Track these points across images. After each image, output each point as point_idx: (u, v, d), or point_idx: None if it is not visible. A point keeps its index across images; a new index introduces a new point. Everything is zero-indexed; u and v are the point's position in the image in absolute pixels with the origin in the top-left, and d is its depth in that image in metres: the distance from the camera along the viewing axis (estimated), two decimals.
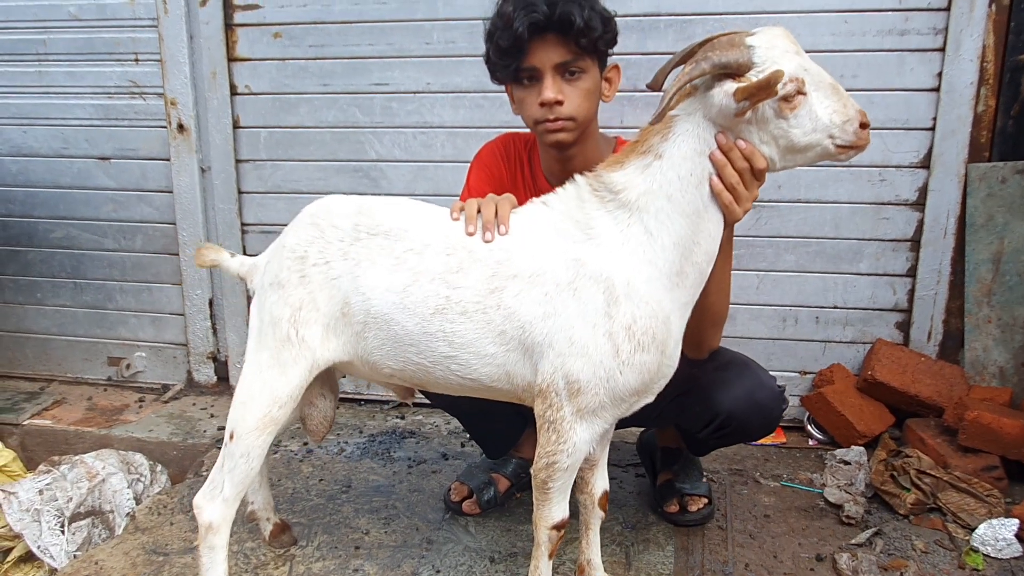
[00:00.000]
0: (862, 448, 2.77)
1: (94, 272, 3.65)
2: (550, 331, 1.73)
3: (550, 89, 2.01)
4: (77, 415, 3.40)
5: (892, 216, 2.94)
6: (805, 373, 3.12)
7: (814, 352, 3.11)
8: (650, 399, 1.86)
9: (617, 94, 2.21)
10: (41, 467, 2.76)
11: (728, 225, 1.80)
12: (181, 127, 3.36)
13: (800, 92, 1.61)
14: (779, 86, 1.59)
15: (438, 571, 2.27)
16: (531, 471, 1.86)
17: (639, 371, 1.73)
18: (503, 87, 2.20)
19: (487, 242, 1.79)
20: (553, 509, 1.86)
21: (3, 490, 2.59)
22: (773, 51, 1.63)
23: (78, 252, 3.64)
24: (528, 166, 2.32)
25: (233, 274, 2.06)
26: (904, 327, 3.02)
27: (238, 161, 3.38)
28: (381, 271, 1.81)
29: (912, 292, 2.98)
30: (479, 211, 1.83)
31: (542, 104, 2.03)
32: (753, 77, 1.61)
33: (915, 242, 2.94)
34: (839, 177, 2.93)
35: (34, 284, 3.72)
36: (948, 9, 2.75)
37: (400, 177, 3.26)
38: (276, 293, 1.88)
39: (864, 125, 1.66)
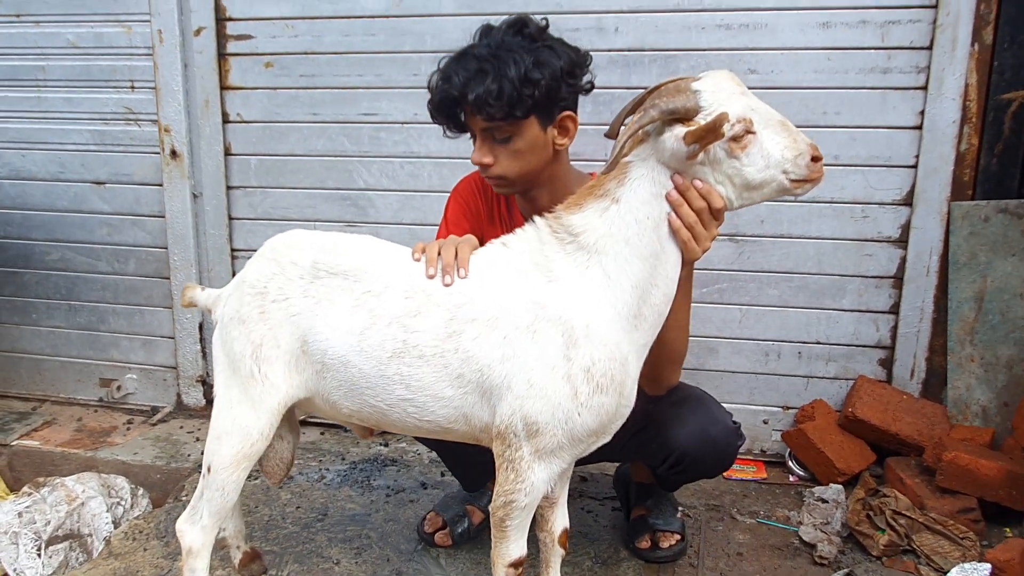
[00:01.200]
0: (840, 487, 2.75)
1: (88, 294, 3.70)
2: (509, 373, 1.74)
3: (477, 152, 2.08)
4: (65, 436, 3.44)
5: (875, 252, 2.93)
6: (787, 408, 3.11)
7: (797, 387, 3.09)
8: (607, 439, 1.86)
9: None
10: (24, 489, 2.81)
11: (687, 264, 1.81)
12: (174, 153, 3.41)
13: (749, 131, 1.63)
14: (726, 127, 1.61)
15: None
16: (489, 509, 1.86)
17: (597, 413, 1.74)
18: None
19: (446, 286, 1.80)
20: (511, 547, 1.87)
21: None
22: (719, 94, 1.65)
23: (73, 274, 3.70)
24: (504, 201, 2.35)
25: (202, 307, 2.08)
26: (887, 364, 3.01)
27: (229, 188, 3.43)
28: (340, 312, 1.83)
29: (895, 329, 2.97)
30: (439, 254, 1.85)
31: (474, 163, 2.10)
32: (701, 120, 1.63)
33: (898, 279, 2.93)
34: (822, 213, 2.93)
35: (29, 305, 3.78)
36: (931, 48, 2.75)
37: (387, 206, 3.29)
38: (237, 328, 1.89)
39: (816, 159, 1.67)
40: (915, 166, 2.84)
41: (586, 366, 1.70)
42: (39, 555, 2.58)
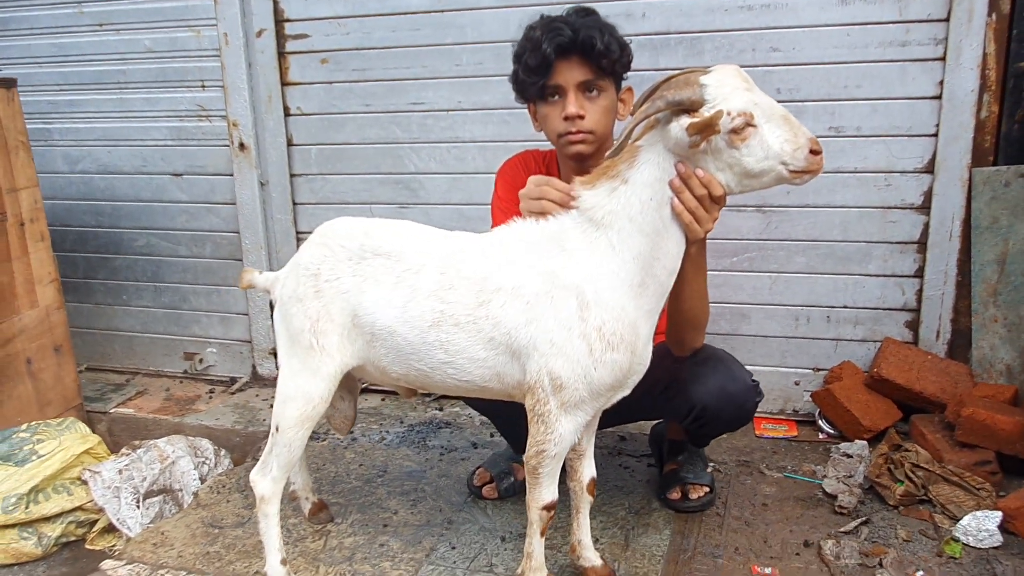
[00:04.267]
0: (865, 442, 2.89)
1: (171, 276, 4.07)
2: (533, 335, 1.95)
3: (573, 104, 2.25)
4: (156, 404, 3.82)
5: (899, 219, 3.05)
6: (817, 370, 3.26)
7: (826, 350, 3.24)
8: (626, 392, 2.06)
9: None
10: (123, 450, 3.16)
11: (692, 242, 1.99)
12: (242, 146, 3.72)
13: (750, 124, 1.76)
14: (724, 121, 1.75)
15: (453, 547, 2.53)
16: (523, 459, 2.09)
17: (611, 368, 1.93)
18: (525, 106, 2.45)
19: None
20: (543, 492, 2.08)
21: (90, 470, 2.97)
22: (723, 88, 1.79)
23: (157, 258, 4.07)
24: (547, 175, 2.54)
25: (262, 288, 2.34)
26: (913, 326, 3.13)
27: (292, 175, 3.73)
28: (383, 288, 2.06)
29: (920, 292, 3.08)
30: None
31: (566, 118, 2.26)
32: (705, 113, 1.78)
33: (922, 244, 3.04)
34: (846, 183, 3.06)
35: (120, 287, 4.17)
36: (948, 20, 2.83)
37: (436, 188, 3.54)
38: (296, 306, 2.14)
39: (815, 152, 1.79)
40: (936, 135, 2.94)
41: (598, 326, 1.90)
42: (138, 506, 2.93)
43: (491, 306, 1.97)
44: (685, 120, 1.80)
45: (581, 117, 2.25)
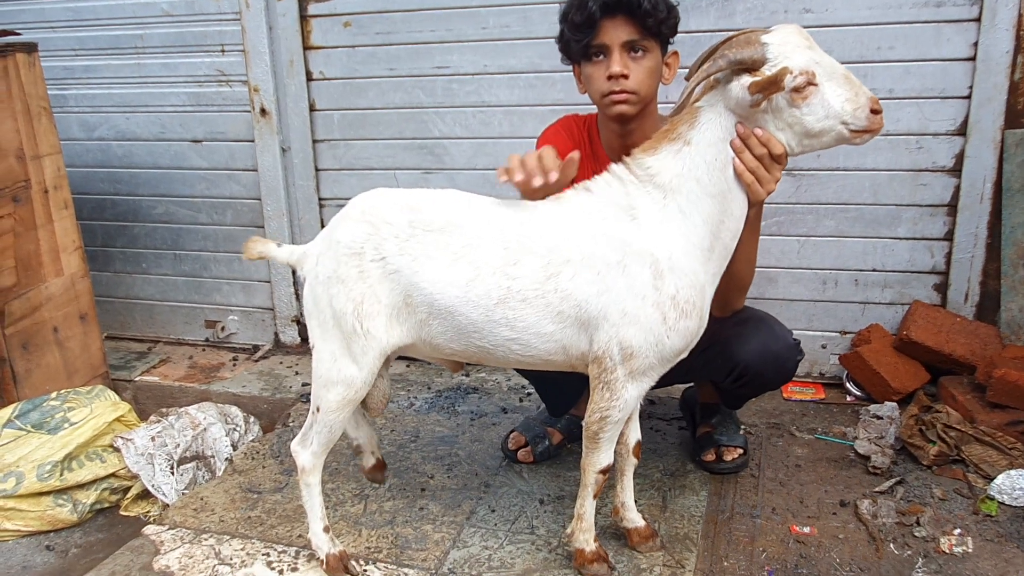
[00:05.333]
0: (895, 404, 2.92)
1: (191, 244, 4.05)
2: (604, 306, 1.92)
3: (617, 63, 2.21)
4: (180, 372, 3.82)
5: (929, 182, 3.05)
6: (845, 333, 3.28)
7: (854, 313, 3.25)
8: (684, 356, 2.08)
9: None
10: (152, 417, 3.16)
11: (753, 205, 1.98)
12: (263, 111, 3.68)
13: (811, 83, 1.76)
14: (787, 79, 1.75)
15: (493, 510, 2.56)
16: (583, 423, 2.07)
17: (683, 335, 1.94)
18: (567, 67, 2.41)
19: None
20: (601, 456, 2.10)
21: (122, 437, 2.98)
22: (785, 47, 1.79)
23: (176, 226, 4.05)
24: (588, 142, 2.51)
25: (282, 262, 2.20)
26: (942, 289, 3.14)
27: (315, 141, 3.70)
28: (440, 266, 1.96)
29: (949, 255, 3.09)
30: (523, 163, 1.99)
31: (609, 77, 2.23)
32: (767, 71, 1.78)
33: (952, 207, 3.05)
34: (877, 146, 3.05)
35: (140, 255, 4.15)
36: None
37: (461, 153, 3.52)
38: (336, 287, 2.02)
39: (876, 111, 1.79)
40: (969, 97, 2.93)
41: (672, 294, 1.90)
42: (172, 473, 2.94)
43: (560, 279, 1.93)
44: (747, 79, 1.80)
45: (625, 76, 2.22)
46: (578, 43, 2.25)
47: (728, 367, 2.44)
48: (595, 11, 2.18)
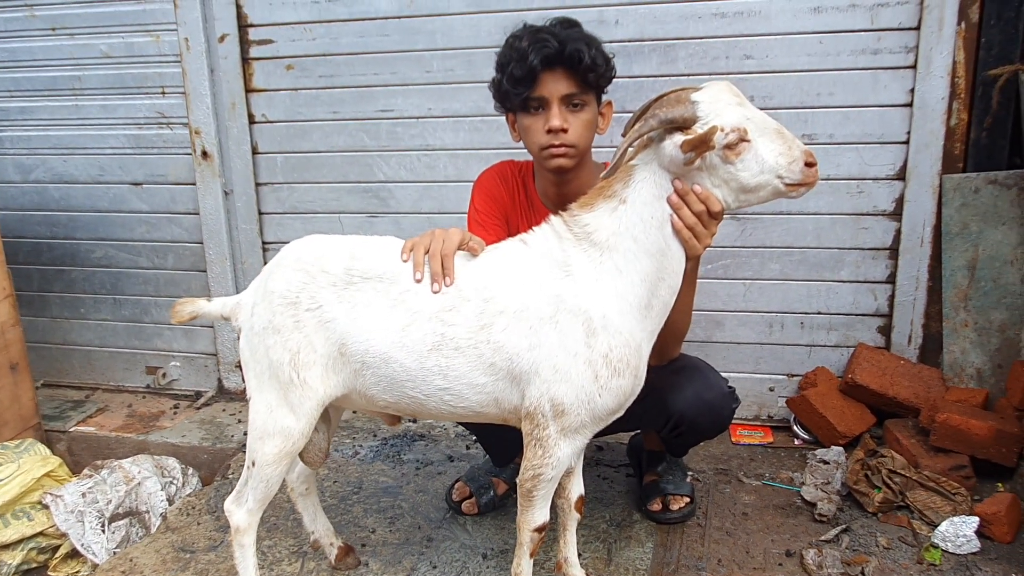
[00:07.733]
0: (841, 448, 2.91)
1: (131, 288, 3.95)
2: (536, 360, 1.89)
3: (557, 118, 2.20)
4: (118, 421, 3.70)
5: (871, 226, 3.08)
6: (792, 375, 3.28)
7: (800, 356, 3.26)
8: (621, 414, 2.04)
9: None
10: (85, 471, 3.05)
11: (690, 259, 1.95)
12: (205, 154, 3.61)
13: (743, 140, 1.75)
14: (718, 137, 1.74)
15: (435, 567, 2.49)
16: (517, 481, 2.03)
17: (616, 394, 1.90)
18: (501, 115, 2.39)
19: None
20: (536, 514, 2.04)
21: (51, 494, 2.87)
22: (716, 104, 1.77)
23: (116, 270, 3.94)
24: (523, 190, 2.51)
25: (215, 316, 2.14)
26: (886, 331, 3.16)
27: (258, 184, 3.64)
28: (378, 313, 1.93)
29: (892, 298, 3.12)
30: (427, 255, 1.97)
31: (549, 131, 2.22)
32: (699, 129, 1.76)
33: (893, 250, 3.08)
34: (819, 190, 3.02)
35: (78, 300, 4.03)
36: (918, 28, 2.87)
37: (407, 196, 3.48)
38: (272, 337, 1.98)
39: (810, 164, 1.78)
40: (907, 142, 2.97)
41: (605, 352, 1.86)
42: (103, 531, 2.83)
43: (493, 329, 1.90)
44: (679, 137, 1.78)
45: (564, 131, 2.21)
46: (517, 95, 2.23)
47: (664, 417, 2.42)
48: (536, 64, 2.16)
